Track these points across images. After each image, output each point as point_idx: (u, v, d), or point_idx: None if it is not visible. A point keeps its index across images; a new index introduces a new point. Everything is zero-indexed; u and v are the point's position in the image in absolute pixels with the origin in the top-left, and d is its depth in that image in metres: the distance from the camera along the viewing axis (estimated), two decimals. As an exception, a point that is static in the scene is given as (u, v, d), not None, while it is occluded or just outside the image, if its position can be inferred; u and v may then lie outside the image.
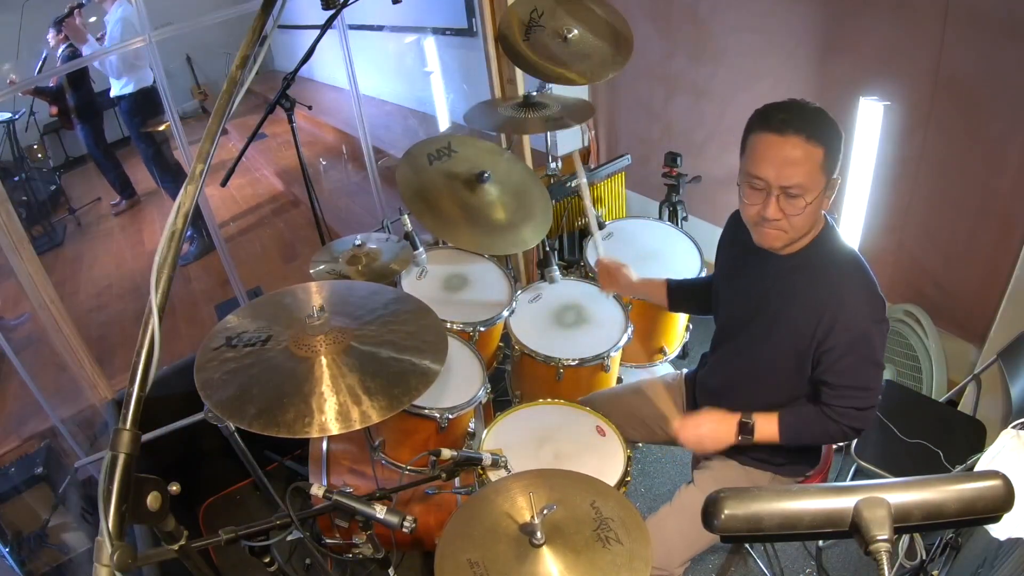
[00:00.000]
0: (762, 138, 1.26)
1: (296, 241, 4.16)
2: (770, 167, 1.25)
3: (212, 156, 0.86)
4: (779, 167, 1.24)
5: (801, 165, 1.23)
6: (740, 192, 1.35)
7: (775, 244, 1.35)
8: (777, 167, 1.24)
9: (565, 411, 1.75)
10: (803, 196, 1.25)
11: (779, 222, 1.30)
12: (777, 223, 1.30)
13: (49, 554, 2.28)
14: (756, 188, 1.29)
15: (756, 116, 1.29)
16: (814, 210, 1.29)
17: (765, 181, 1.27)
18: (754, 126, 1.29)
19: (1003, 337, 2.00)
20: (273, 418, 1.10)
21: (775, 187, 1.26)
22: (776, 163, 1.25)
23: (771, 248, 1.36)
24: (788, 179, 1.24)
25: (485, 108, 2.29)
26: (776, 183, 1.25)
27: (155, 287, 0.79)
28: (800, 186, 1.24)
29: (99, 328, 3.54)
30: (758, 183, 1.28)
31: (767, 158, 1.26)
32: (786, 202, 1.27)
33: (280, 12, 0.96)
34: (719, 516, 0.72)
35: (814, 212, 1.30)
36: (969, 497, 0.69)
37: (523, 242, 1.99)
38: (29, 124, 4.79)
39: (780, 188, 1.25)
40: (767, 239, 1.34)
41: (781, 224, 1.30)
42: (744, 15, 2.59)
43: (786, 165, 1.24)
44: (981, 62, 1.97)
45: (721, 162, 2.88)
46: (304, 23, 4.62)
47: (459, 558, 1.13)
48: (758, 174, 1.27)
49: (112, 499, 0.72)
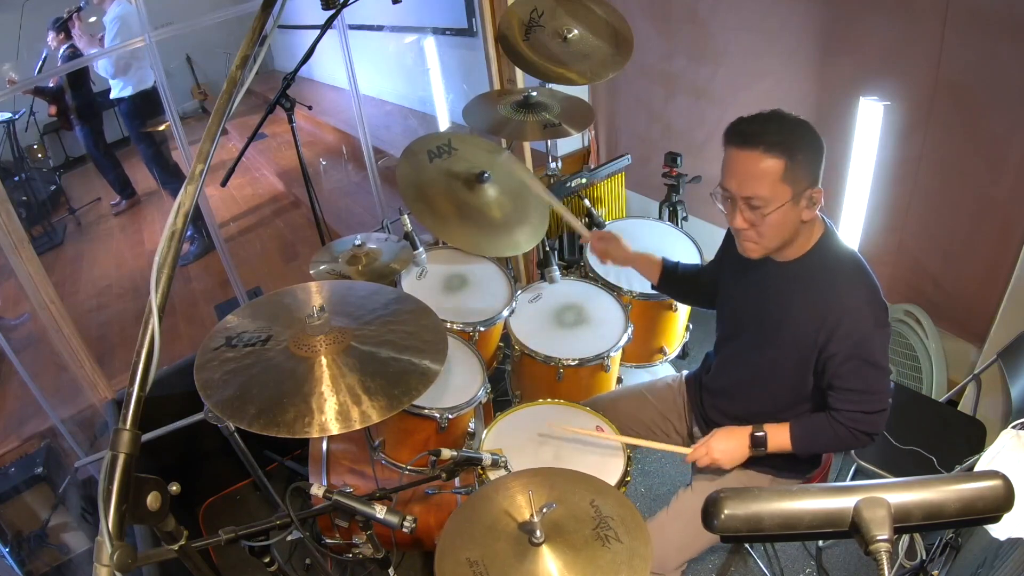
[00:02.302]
0: (729, 152, 1.33)
1: (296, 241, 4.16)
2: (732, 179, 1.32)
3: (212, 156, 0.86)
4: (739, 179, 1.30)
5: (759, 177, 1.27)
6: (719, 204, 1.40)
7: (752, 255, 1.39)
8: (738, 179, 1.31)
9: (565, 411, 1.75)
10: (763, 207, 1.29)
11: (748, 232, 1.35)
12: (746, 233, 1.35)
13: (49, 554, 2.27)
14: (726, 199, 1.36)
15: (727, 129, 1.33)
16: (781, 221, 1.31)
17: (729, 192, 1.33)
18: (725, 139, 1.34)
19: (1003, 337, 2.00)
20: (273, 418, 1.10)
21: (738, 198, 1.31)
22: (737, 175, 1.31)
23: (751, 258, 1.40)
24: (747, 190, 1.29)
25: (484, 103, 2.28)
26: (738, 194, 1.31)
27: (155, 287, 0.79)
28: (760, 197, 1.28)
29: (99, 328, 3.54)
30: (726, 194, 1.35)
31: (730, 170, 1.32)
32: (750, 213, 1.32)
33: (280, 12, 0.96)
34: (719, 516, 0.72)
35: (782, 223, 1.31)
36: (969, 497, 0.69)
37: (518, 245, 1.98)
38: (29, 124, 4.79)
39: (742, 199, 1.31)
40: (744, 250, 1.40)
41: (751, 235, 1.35)
42: (744, 15, 2.59)
43: (745, 177, 1.29)
44: (981, 62, 1.97)
45: (721, 162, 2.88)
46: (304, 23, 4.62)
47: (459, 557, 1.13)
48: (724, 185, 1.35)
49: (112, 499, 0.72)
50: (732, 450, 1.50)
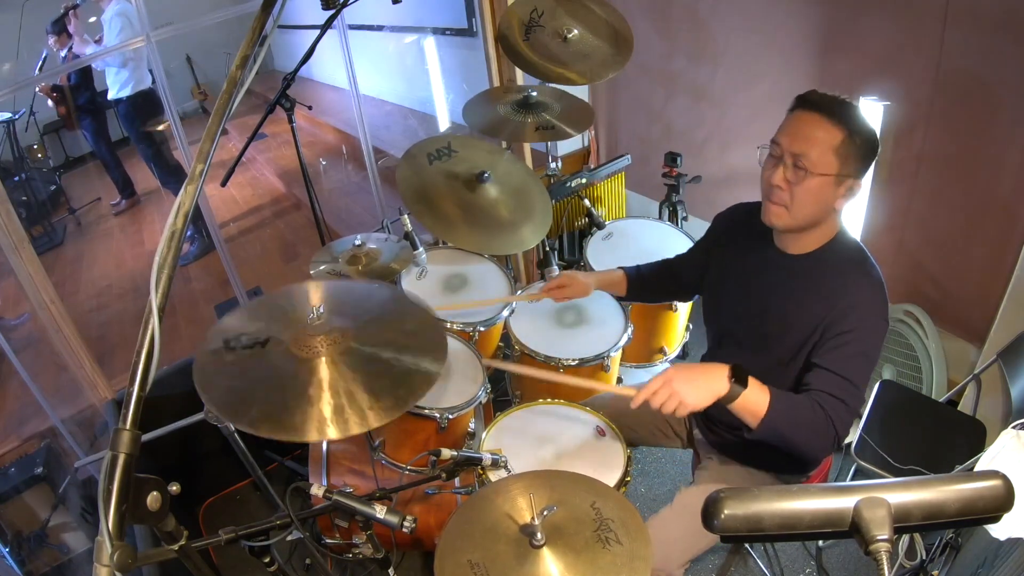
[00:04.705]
0: (794, 114, 1.34)
1: (296, 241, 4.17)
2: (786, 134, 1.33)
3: (212, 156, 0.86)
4: (794, 135, 1.31)
5: (815, 139, 1.28)
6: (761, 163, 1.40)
7: (776, 221, 1.37)
8: (792, 135, 1.31)
9: (565, 411, 1.75)
10: (810, 170, 1.29)
11: (783, 193, 1.33)
12: (781, 194, 1.34)
13: (49, 554, 2.28)
14: (773, 155, 1.36)
15: (798, 96, 1.35)
16: (817, 191, 1.31)
17: (780, 146, 1.33)
18: (794, 104, 1.35)
19: (1003, 337, 1.99)
20: (274, 419, 1.09)
21: (787, 153, 1.32)
22: (793, 132, 1.32)
23: (772, 225, 1.39)
24: (799, 147, 1.29)
25: (484, 102, 2.28)
26: (788, 149, 1.31)
27: (155, 287, 0.79)
28: (808, 157, 1.28)
29: (99, 328, 3.55)
30: (775, 149, 1.35)
31: (788, 128, 1.33)
32: (792, 171, 1.31)
33: (280, 12, 0.96)
34: (719, 516, 0.72)
35: (817, 194, 1.31)
36: (969, 497, 0.69)
37: (523, 242, 1.99)
38: (29, 124, 4.79)
39: (791, 155, 1.31)
40: (769, 214, 1.38)
41: (784, 197, 1.34)
42: (744, 15, 2.59)
43: (801, 135, 1.30)
44: (981, 62, 1.97)
45: (721, 162, 2.88)
46: (304, 23, 4.63)
47: (459, 558, 1.13)
48: (776, 139, 1.35)
49: (112, 499, 0.72)
50: (696, 379, 1.28)
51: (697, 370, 1.32)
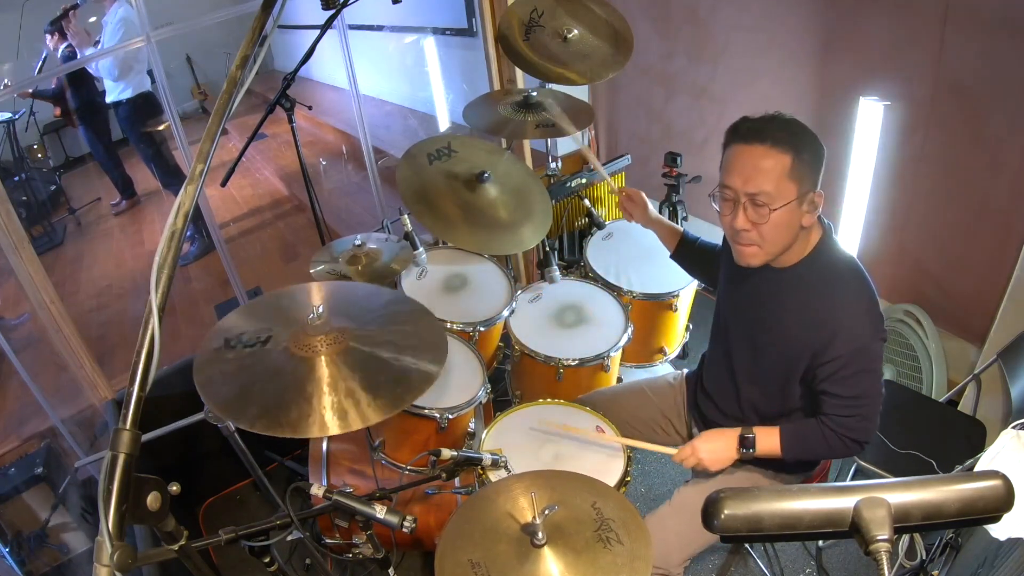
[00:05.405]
0: (731, 149, 1.31)
1: (296, 241, 4.17)
2: (736, 175, 1.29)
3: (212, 156, 0.86)
4: (744, 175, 1.27)
5: (765, 172, 1.25)
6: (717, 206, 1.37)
7: (752, 261, 1.36)
8: (743, 175, 1.28)
9: (565, 411, 1.75)
10: (768, 204, 1.26)
11: (750, 234, 1.31)
12: (748, 235, 1.32)
13: (49, 554, 2.27)
14: (727, 199, 1.33)
15: (728, 130, 1.32)
16: (785, 221, 1.28)
17: (733, 190, 1.30)
18: (726, 140, 1.33)
19: (1003, 337, 2.00)
20: (274, 418, 1.10)
21: (742, 195, 1.28)
22: (742, 171, 1.28)
23: (748, 266, 1.37)
24: (753, 186, 1.26)
25: (484, 104, 2.28)
26: (742, 190, 1.28)
27: (155, 287, 0.79)
28: (765, 193, 1.26)
29: (99, 328, 3.55)
30: (728, 193, 1.32)
31: (734, 167, 1.29)
32: (753, 211, 1.28)
33: (280, 12, 0.96)
34: (719, 516, 0.72)
35: (786, 224, 1.29)
36: (969, 497, 0.69)
37: (523, 242, 1.98)
38: (29, 124, 4.79)
39: (746, 196, 1.28)
40: (743, 256, 1.36)
41: (752, 236, 1.31)
42: (744, 15, 2.59)
43: (751, 172, 1.26)
44: (981, 62, 1.97)
45: (720, 163, 2.88)
46: (304, 23, 4.63)
47: (460, 558, 1.13)
48: (726, 183, 1.32)
49: (112, 499, 0.72)
50: (718, 451, 1.47)
51: (715, 441, 1.48)
